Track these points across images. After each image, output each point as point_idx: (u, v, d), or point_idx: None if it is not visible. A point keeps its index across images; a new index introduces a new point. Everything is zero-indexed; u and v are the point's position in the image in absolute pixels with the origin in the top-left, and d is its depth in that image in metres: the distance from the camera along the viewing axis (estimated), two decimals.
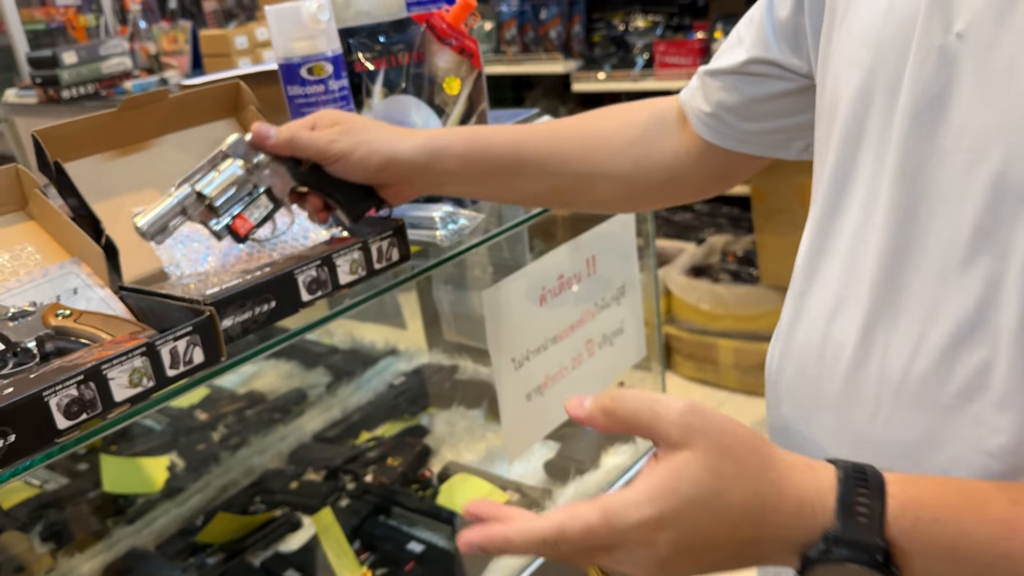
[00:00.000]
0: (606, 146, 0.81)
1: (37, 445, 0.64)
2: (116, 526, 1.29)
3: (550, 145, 0.82)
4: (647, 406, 0.47)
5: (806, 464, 0.48)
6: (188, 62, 3.03)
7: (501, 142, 0.81)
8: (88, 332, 0.73)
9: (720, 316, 2.83)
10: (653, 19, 3.34)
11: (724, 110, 0.74)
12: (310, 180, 0.81)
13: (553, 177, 0.82)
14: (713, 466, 0.46)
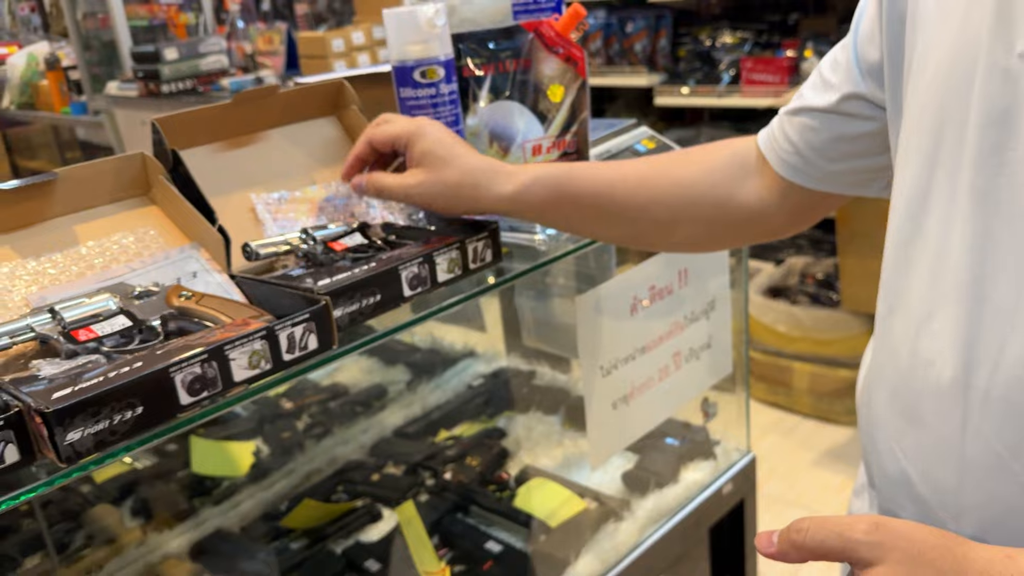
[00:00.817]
0: (688, 192, 0.82)
1: (160, 418, 0.67)
2: (203, 506, 1.33)
3: (634, 192, 0.83)
4: (834, 532, 0.50)
5: (1005, 555, 0.48)
6: (282, 62, 3.13)
7: (585, 187, 0.83)
8: (208, 314, 0.76)
9: (796, 339, 2.78)
10: (742, 35, 3.31)
11: (810, 149, 0.75)
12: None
13: (634, 223, 0.84)
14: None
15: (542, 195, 0.83)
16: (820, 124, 0.74)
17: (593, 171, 0.86)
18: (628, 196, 0.83)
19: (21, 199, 0.80)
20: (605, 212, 0.84)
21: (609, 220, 0.85)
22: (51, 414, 0.60)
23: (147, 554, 1.23)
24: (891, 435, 0.62)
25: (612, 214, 0.84)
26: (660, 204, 0.83)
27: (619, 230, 0.87)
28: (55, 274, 0.78)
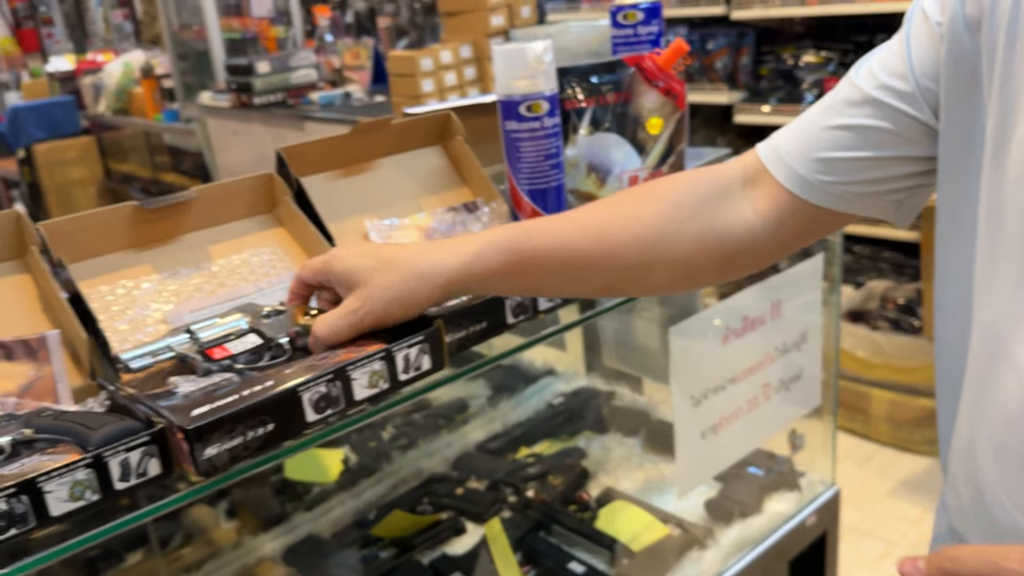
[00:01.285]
0: (661, 231, 0.76)
1: (289, 435, 0.71)
2: (295, 511, 1.39)
3: (598, 243, 0.76)
4: (988, 560, 0.49)
5: None
6: (368, 77, 3.21)
7: (545, 244, 0.76)
8: None
9: (876, 365, 2.74)
10: (826, 55, 3.27)
11: (835, 165, 0.71)
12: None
13: (603, 274, 0.77)
14: None
15: (497, 261, 0.74)
16: (855, 140, 0.70)
17: (550, 225, 0.78)
18: (594, 246, 0.76)
19: (161, 217, 0.86)
20: (570, 267, 0.76)
21: (576, 275, 0.77)
22: (192, 431, 0.65)
23: (243, 556, 1.29)
24: (1002, 487, 0.62)
25: (578, 268, 0.76)
26: (630, 248, 0.76)
27: (588, 284, 0.80)
28: (189, 292, 0.84)
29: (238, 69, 3.11)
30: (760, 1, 3.17)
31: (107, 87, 4.91)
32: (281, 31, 3.68)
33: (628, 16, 1.18)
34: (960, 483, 0.67)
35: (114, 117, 4.96)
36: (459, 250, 0.74)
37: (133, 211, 0.84)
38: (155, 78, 4.32)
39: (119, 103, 4.86)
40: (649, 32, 1.18)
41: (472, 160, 1.07)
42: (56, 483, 0.59)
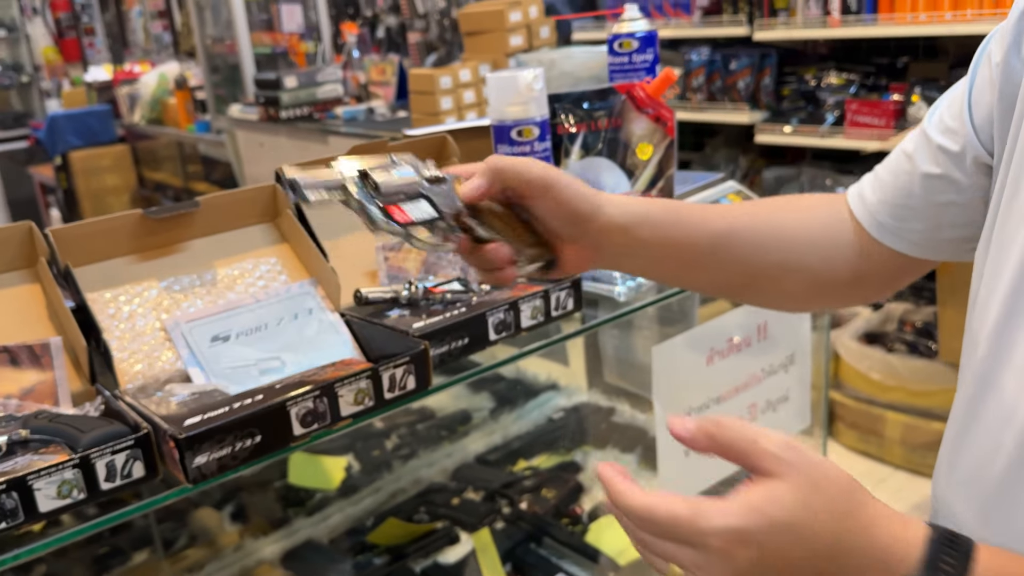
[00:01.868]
0: (797, 238, 0.78)
1: (276, 447, 0.76)
2: (296, 516, 1.43)
3: (748, 233, 0.78)
4: (749, 437, 0.51)
5: (901, 520, 0.50)
6: (393, 93, 3.28)
7: (700, 222, 0.76)
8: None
9: (891, 388, 2.73)
10: (848, 77, 3.28)
11: (907, 211, 0.73)
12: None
13: (745, 266, 0.78)
14: (804, 499, 0.49)
15: (661, 216, 0.74)
16: (923, 187, 0.71)
17: (700, 208, 0.78)
18: (738, 235, 0.77)
19: (166, 226, 0.90)
20: (716, 248, 0.76)
21: (719, 258, 0.77)
22: (183, 440, 0.69)
23: (243, 558, 1.33)
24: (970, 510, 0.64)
25: (723, 252, 0.77)
26: (771, 248, 0.77)
27: (729, 273, 0.79)
28: (190, 301, 0.89)
29: (266, 83, 3.19)
30: (782, 23, 3.18)
31: (142, 97, 5.04)
32: (310, 46, 3.77)
33: (624, 44, 1.22)
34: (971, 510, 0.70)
35: (148, 126, 5.09)
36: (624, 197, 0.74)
37: (139, 219, 0.89)
38: (188, 89, 4.43)
39: (153, 113, 4.99)
40: (644, 60, 1.22)
41: None
42: (45, 481, 0.64)
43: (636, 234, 0.73)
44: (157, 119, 5.02)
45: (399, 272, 1.02)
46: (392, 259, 1.02)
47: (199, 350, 0.84)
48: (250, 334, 0.87)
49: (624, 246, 0.74)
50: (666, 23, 3.58)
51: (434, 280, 1.00)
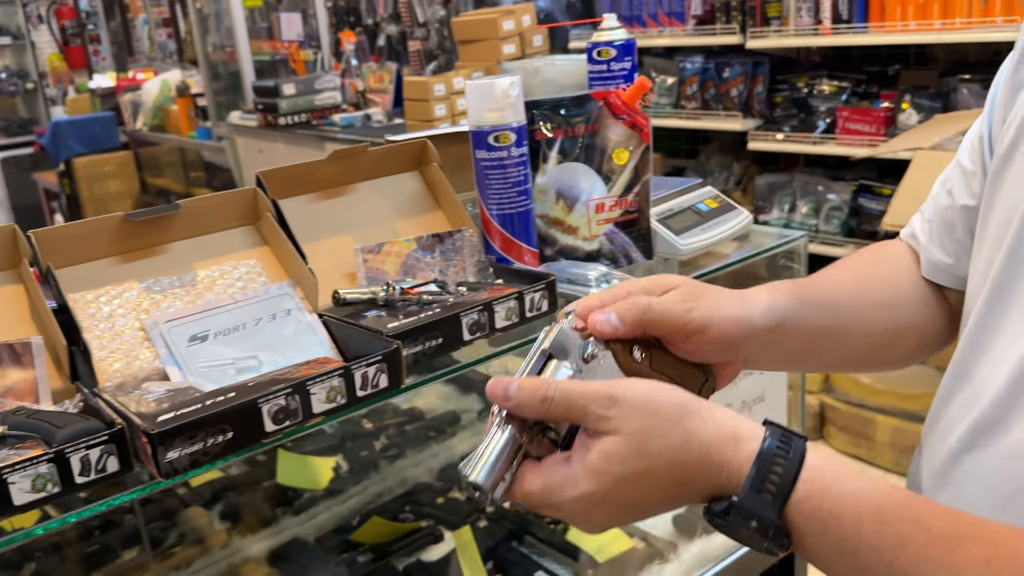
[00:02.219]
0: (905, 296, 0.77)
1: (248, 443, 0.78)
2: (283, 515, 1.46)
3: (859, 299, 0.76)
4: (578, 405, 0.55)
5: (732, 435, 0.54)
6: (390, 100, 3.31)
7: (821, 301, 0.74)
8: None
9: (881, 392, 2.75)
10: (839, 84, 3.31)
11: (953, 247, 0.74)
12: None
13: (869, 336, 0.75)
14: (639, 447, 0.53)
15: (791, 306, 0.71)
16: (962, 220, 0.72)
17: (809, 286, 0.75)
18: (853, 305, 0.75)
19: (147, 229, 0.93)
20: (841, 322, 0.74)
21: (847, 332, 0.74)
22: (156, 435, 0.72)
23: (230, 556, 1.36)
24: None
25: (848, 325, 0.74)
26: (884, 311, 0.76)
27: (857, 344, 0.76)
28: (169, 302, 0.91)
29: (265, 90, 3.23)
30: (775, 31, 3.21)
31: (145, 104, 5.09)
32: (309, 54, 3.81)
33: (602, 53, 1.24)
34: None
35: (151, 133, 5.14)
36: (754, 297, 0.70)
37: (121, 222, 0.92)
38: (190, 97, 4.48)
39: (156, 120, 5.03)
40: (622, 68, 1.25)
41: (446, 186, 1.14)
42: (20, 475, 0.66)
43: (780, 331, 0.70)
44: (160, 126, 5.07)
45: (378, 274, 1.04)
46: (371, 261, 1.05)
47: (177, 349, 0.87)
48: (228, 334, 0.90)
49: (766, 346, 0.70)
50: (660, 32, 3.61)
51: (411, 282, 1.02)
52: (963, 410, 0.65)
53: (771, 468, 0.52)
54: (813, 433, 2.93)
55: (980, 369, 0.64)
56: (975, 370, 0.65)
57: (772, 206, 3.43)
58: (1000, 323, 0.63)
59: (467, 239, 1.12)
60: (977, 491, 0.62)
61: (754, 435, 0.54)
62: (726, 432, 0.54)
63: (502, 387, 0.57)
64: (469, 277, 1.10)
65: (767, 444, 0.53)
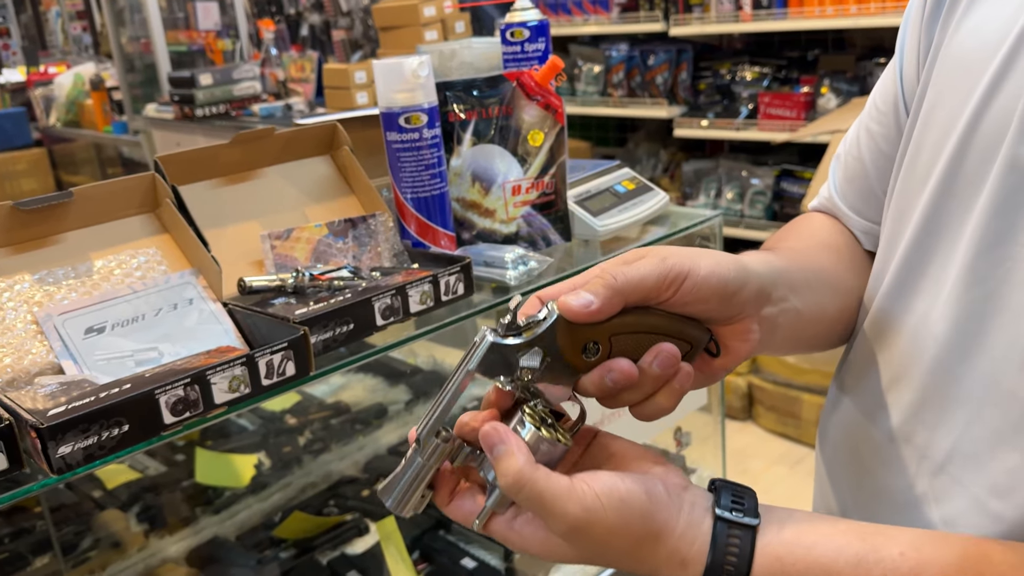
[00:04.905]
0: (859, 258, 0.75)
1: (145, 435, 0.74)
2: (203, 515, 1.41)
3: (830, 264, 0.72)
4: (541, 510, 0.53)
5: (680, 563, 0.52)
6: (312, 90, 3.24)
7: (802, 263, 0.69)
8: None
9: (806, 371, 2.81)
10: (761, 71, 3.37)
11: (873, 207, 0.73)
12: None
13: (854, 293, 0.72)
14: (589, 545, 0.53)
15: (783, 262, 0.66)
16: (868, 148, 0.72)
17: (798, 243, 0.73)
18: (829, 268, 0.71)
19: (39, 219, 0.88)
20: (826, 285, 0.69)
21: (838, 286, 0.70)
22: (45, 429, 0.68)
23: (148, 558, 1.31)
24: (845, 478, 0.70)
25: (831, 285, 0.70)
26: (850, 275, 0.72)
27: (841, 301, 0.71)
28: (63, 293, 0.87)
29: (180, 81, 3.13)
30: (697, 18, 3.25)
31: (58, 99, 4.90)
32: (227, 44, 3.71)
33: (515, 34, 1.23)
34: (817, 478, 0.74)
35: (65, 129, 4.95)
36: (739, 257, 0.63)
37: (10, 212, 0.87)
38: (105, 90, 4.32)
39: (70, 115, 4.84)
40: (536, 49, 1.24)
41: (358, 170, 1.12)
42: None
43: (783, 284, 0.63)
44: (74, 121, 4.88)
45: (287, 261, 1.01)
46: (279, 248, 1.02)
47: (72, 342, 0.83)
48: (126, 325, 0.86)
49: (780, 302, 0.62)
50: (585, 20, 3.63)
51: (322, 268, 1.00)
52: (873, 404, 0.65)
53: (727, 553, 0.52)
54: (742, 414, 2.99)
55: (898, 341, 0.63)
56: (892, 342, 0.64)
57: (699, 192, 3.48)
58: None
59: (381, 224, 1.09)
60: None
61: (699, 558, 0.52)
62: (674, 561, 0.53)
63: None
64: (384, 263, 1.08)
65: (717, 531, 0.52)
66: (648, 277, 0.55)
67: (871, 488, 0.66)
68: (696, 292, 0.55)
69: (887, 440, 0.63)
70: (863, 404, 0.67)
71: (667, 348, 0.55)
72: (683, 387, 0.57)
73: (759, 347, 0.62)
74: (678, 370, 0.56)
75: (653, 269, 0.55)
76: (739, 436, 2.89)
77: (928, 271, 0.61)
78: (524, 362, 0.55)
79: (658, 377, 0.55)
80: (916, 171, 0.63)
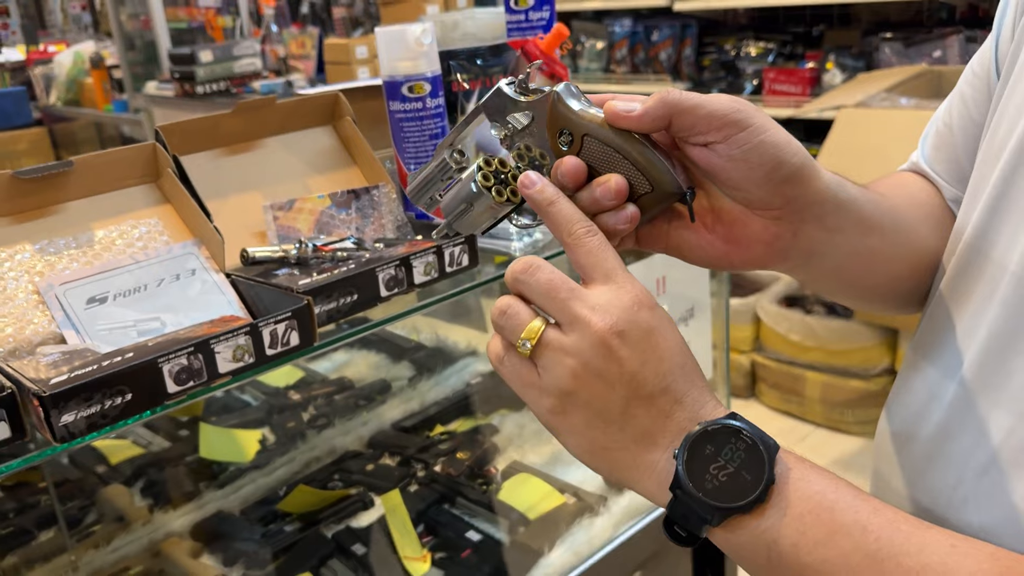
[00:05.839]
0: (941, 220, 0.70)
1: (148, 405, 0.74)
2: (207, 489, 1.41)
3: (910, 211, 0.68)
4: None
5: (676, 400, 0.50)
6: (313, 67, 3.22)
7: (877, 197, 0.63)
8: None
9: (810, 348, 2.80)
10: (766, 46, 3.34)
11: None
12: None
13: (915, 254, 0.67)
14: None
15: (855, 188, 0.60)
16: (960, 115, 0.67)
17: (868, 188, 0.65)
18: (909, 218, 0.66)
19: (40, 188, 0.87)
20: (895, 241, 0.64)
21: (896, 254, 0.64)
22: (48, 398, 0.68)
23: (152, 532, 1.31)
24: (893, 471, 0.66)
25: (900, 244, 0.64)
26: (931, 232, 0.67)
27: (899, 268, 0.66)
28: (64, 263, 0.86)
29: (181, 58, 3.11)
30: None
31: (58, 78, 4.87)
32: (228, 20, 3.68)
33: (519, 2, 1.22)
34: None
35: (65, 108, 4.92)
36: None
37: (11, 181, 0.86)
38: (105, 68, 4.29)
39: (70, 94, 4.82)
40: (540, 18, 1.22)
41: (361, 141, 1.10)
42: None
43: (847, 215, 0.57)
44: (74, 100, 4.85)
45: (289, 232, 1.00)
46: (282, 219, 1.01)
47: (74, 312, 0.82)
48: (128, 295, 0.85)
49: (832, 232, 0.57)
50: None
51: (325, 239, 0.99)
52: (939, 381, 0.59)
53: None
54: (745, 392, 2.99)
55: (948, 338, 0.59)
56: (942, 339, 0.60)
57: None
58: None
59: (384, 195, 1.08)
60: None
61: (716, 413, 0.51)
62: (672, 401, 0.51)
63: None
64: (388, 234, 1.07)
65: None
66: (707, 105, 0.51)
67: (912, 491, 0.62)
68: (747, 150, 0.51)
69: (936, 434, 0.59)
70: (924, 388, 0.62)
71: (616, 180, 0.53)
72: (616, 226, 0.54)
73: (789, 261, 0.58)
74: (623, 207, 0.54)
75: (719, 103, 0.51)
76: (743, 413, 2.89)
77: (992, 254, 0.56)
78: (512, 118, 0.59)
79: (595, 200, 0.54)
80: (996, 139, 0.58)
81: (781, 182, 0.53)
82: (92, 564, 1.27)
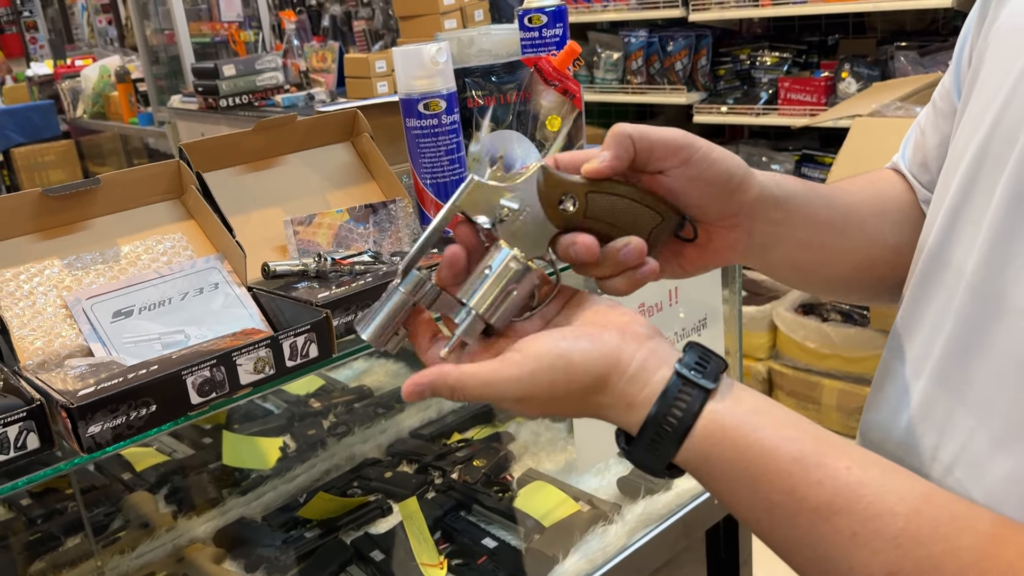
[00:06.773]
0: (909, 216, 0.73)
1: (172, 416, 0.77)
2: (230, 496, 1.44)
3: (864, 206, 0.72)
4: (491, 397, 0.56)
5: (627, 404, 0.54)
6: (334, 80, 3.27)
7: (828, 197, 0.69)
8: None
9: (826, 356, 2.80)
10: (781, 55, 3.35)
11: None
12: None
13: (872, 247, 0.71)
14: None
15: (799, 185, 0.66)
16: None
17: (826, 188, 0.71)
18: (865, 213, 0.70)
19: (67, 205, 0.91)
20: (848, 236, 0.69)
21: (851, 248, 0.69)
22: (75, 409, 0.71)
23: (176, 538, 1.34)
24: None
25: (856, 238, 0.70)
26: (890, 227, 0.72)
27: (857, 260, 0.71)
28: (91, 278, 0.89)
29: (204, 73, 3.17)
30: (716, 3, 3.23)
31: (84, 91, 4.96)
32: (250, 35, 3.74)
33: (533, 20, 1.24)
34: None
35: (92, 121, 5.02)
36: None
37: (39, 198, 0.90)
38: (131, 82, 4.37)
39: (96, 107, 4.91)
40: (554, 35, 1.25)
41: (378, 156, 1.13)
42: None
43: (788, 208, 0.63)
44: (100, 113, 4.95)
45: (309, 246, 1.03)
46: (302, 233, 1.04)
47: (101, 326, 0.85)
48: (153, 309, 0.88)
49: (777, 225, 0.64)
50: (605, 7, 3.62)
51: (344, 253, 1.01)
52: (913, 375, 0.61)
53: (671, 409, 0.52)
54: None
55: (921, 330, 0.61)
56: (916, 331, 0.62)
57: None
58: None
59: (401, 209, 1.11)
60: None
61: (645, 404, 0.53)
62: (622, 403, 0.54)
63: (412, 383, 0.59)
64: (404, 247, 1.10)
65: (654, 411, 0.53)
66: (663, 134, 0.57)
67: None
68: (703, 169, 0.57)
69: (906, 435, 0.61)
70: (895, 390, 0.64)
71: (636, 242, 0.57)
72: (644, 278, 0.59)
73: (749, 258, 0.65)
74: (643, 263, 0.58)
75: (671, 133, 0.57)
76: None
77: (951, 262, 0.58)
78: (504, 202, 0.58)
79: (620, 263, 0.58)
80: (955, 152, 0.61)
81: (734, 191, 0.60)
82: (118, 569, 1.30)
